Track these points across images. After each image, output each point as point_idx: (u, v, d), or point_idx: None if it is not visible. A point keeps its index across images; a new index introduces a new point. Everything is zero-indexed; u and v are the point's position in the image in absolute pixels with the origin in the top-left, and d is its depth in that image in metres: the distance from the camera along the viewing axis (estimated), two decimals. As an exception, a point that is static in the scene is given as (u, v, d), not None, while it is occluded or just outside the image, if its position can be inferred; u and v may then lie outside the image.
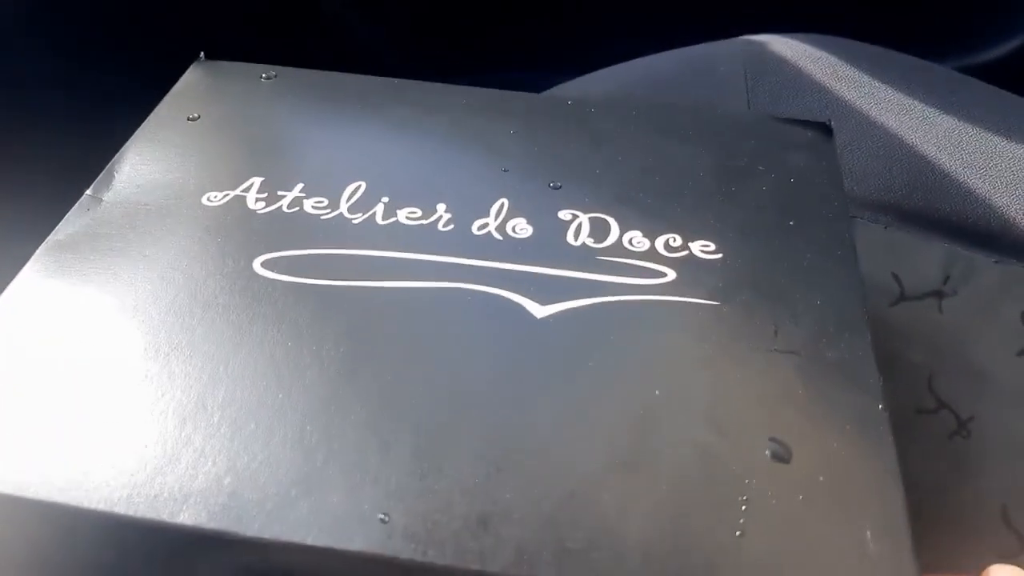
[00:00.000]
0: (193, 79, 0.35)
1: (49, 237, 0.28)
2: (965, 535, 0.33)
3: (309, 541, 0.21)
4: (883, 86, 0.44)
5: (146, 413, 0.23)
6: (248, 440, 0.22)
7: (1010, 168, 0.41)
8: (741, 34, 0.48)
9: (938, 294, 0.38)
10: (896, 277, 0.39)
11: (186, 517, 0.21)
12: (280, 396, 0.23)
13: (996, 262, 0.38)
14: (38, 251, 0.28)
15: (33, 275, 0.27)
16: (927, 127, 0.42)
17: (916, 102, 0.43)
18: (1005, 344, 0.37)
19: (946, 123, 0.42)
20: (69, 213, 0.29)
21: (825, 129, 0.33)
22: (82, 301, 0.26)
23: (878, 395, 0.24)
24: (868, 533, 0.21)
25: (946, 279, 0.38)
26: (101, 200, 0.30)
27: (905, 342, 0.37)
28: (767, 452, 0.23)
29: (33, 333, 0.25)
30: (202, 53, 0.36)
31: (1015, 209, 0.40)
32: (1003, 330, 0.37)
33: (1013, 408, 0.35)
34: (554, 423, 0.23)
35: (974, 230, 0.40)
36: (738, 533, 0.21)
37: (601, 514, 0.21)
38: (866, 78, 0.44)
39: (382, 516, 0.21)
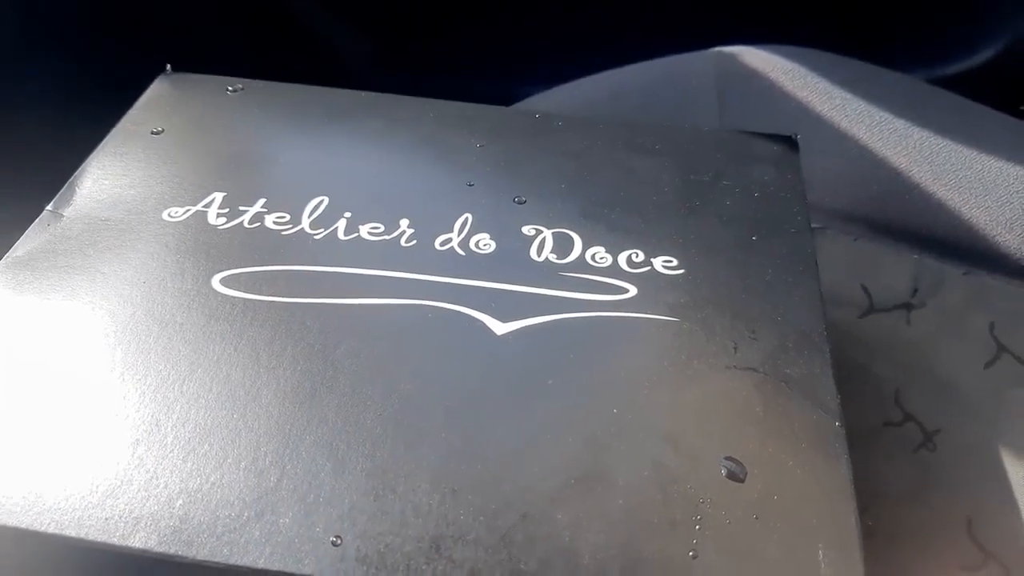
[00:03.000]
0: (158, 92, 0.35)
1: (8, 254, 0.28)
2: (930, 547, 0.33)
3: (260, 565, 0.20)
4: (854, 98, 0.44)
5: (99, 434, 0.23)
6: (201, 462, 0.22)
7: (980, 180, 0.41)
8: (713, 46, 0.48)
9: (907, 306, 0.38)
10: (865, 289, 0.39)
11: (137, 540, 0.21)
12: (235, 417, 0.23)
13: (965, 273, 0.38)
14: (-4, 268, 0.27)
15: None
16: (897, 139, 0.43)
17: (887, 114, 0.44)
18: (973, 356, 0.37)
19: (916, 135, 0.43)
20: (29, 229, 0.29)
21: (791, 143, 0.33)
22: (39, 320, 0.26)
23: (836, 412, 0.24)
24: (820, 553, 0.21)
25: (915, 291, 0.38)
26: (62, 216, 0.29)
27: (873, 355, 0.37)
28: (722, 471, 0.23)
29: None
30: (168, 66, 0.36)
31: (984, 220, 0.40)
32: (971, 342, 0.37)
33: (980, 420, 0.35)
34: (510, 443, 0.23)
35: (943, 241, 0.40)
36: (691, 554, 0.21)
37: (555, 535, 0.21)
38: (837, 90, 0.45)
39: (334, 539, 0.21)
